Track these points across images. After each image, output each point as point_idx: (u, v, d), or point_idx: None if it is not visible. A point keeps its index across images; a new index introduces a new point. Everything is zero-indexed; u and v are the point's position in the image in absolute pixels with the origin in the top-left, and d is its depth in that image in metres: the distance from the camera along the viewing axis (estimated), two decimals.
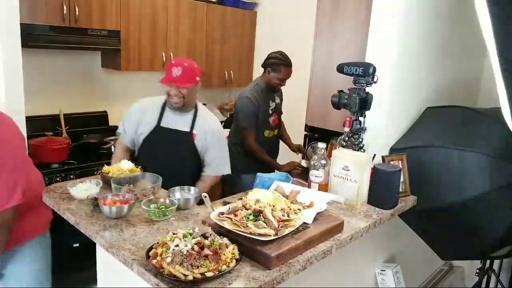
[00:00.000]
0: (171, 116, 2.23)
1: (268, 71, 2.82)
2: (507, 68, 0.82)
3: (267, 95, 2.88)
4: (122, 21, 3.20)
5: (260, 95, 2.83)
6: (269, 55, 2.86)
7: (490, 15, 0.78)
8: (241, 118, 2.82)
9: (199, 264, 1.10)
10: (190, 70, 2.12)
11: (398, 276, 2.23)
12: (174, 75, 2.08)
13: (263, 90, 2.86)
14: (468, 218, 1.91)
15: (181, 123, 2.22)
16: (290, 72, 2.83)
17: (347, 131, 1.97)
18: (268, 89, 2.88)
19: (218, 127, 2.33)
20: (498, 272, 2.70)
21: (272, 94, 2.94)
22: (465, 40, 2.50)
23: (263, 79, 2.89)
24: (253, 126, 2.81)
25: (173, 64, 2.11)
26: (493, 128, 1.93)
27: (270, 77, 2.82)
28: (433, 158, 1.98)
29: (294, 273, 1.26)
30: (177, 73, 2.08)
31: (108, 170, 1.76)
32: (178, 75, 2.08)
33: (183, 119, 2.23)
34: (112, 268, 1.45)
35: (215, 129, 2.30)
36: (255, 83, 2.90)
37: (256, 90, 2.84)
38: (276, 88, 2.89)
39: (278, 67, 2.78)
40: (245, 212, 1.30)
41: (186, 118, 2.23)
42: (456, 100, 2.52)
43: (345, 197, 1.77)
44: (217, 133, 2.30)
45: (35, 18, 2.72)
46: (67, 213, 1.52)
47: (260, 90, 2.85)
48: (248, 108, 2.77)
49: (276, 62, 2.78)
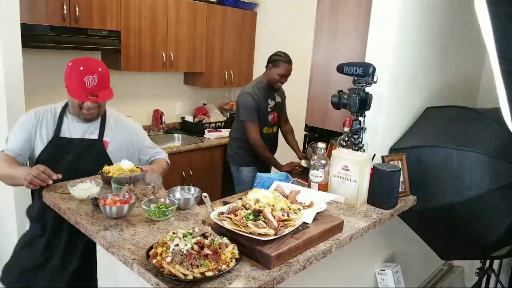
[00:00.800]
0: (74, 124, 1.91)
1: (270, 67, 2.91)
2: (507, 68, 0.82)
3: (267, 93, 2.95)
4: (122, 21, 3.20)
5: (260, 92, 2.91)
6: (272, 54, 2.96)
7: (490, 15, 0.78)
8: (243, 112, 2.89)
9: (199, 264, 1.10)
10: (105, 76, 1.82)
11: (398, 276, 2.24)
12: (89, 85, 1.75)
13: (264, 88, 2.94)
14: (468, 218, 1.91)
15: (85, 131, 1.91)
16: (290, 70, 2.90)
17: (347, 131, 1.97)
18: (268, 87, 2.95)
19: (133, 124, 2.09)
20: (498, 272, 2.71)
21: (272, 93, 3.00)
22: (465, 40, 2.51)
23: (264, 77, 2.97)
24: (254, 119, 2.88)
25: (84, 71, 1.75)
26: (493, 128, 1.93)
27: (271, 73, 2.90)
28: (433, 158, 1.98)
29: (294, 273, 1.26)
30: (93, 82, 1.76)
31: (108, 170, 1.76)
32: (94, 84, 1.76)
33: (89, 126, 1.92)
34: (112, 268, 1.45)
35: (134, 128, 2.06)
36: (257, 81, 2.99)
37: (257, 87, 2.92)
38: (276, 85, 2.94)
39: (278, 63, 2.87)
40: (245, 212, 1.30)
41: (92, 124, 1.93)
42: (456, 100, 2.52)
43: (345, 197, 1.77)
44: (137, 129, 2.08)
45: (35, 18, 2.72)
46: (67, 213, 1.53)
47: (261, 87, 2.93)
48: (249, 103, 2.85)
49: (277, 59, 2.88)
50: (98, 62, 1.86)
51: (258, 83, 2.95)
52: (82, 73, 1.75)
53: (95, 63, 1.82)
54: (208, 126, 4.08)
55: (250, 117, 2.86)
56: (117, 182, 1.63)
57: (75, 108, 1.85)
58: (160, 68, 3.54)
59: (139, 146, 2.05)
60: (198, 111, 4.26)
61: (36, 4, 2.71)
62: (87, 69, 1.76)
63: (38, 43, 2.79)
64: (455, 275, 3.03)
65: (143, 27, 3.36)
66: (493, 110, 2.01)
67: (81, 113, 1.85)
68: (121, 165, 1.79)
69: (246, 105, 2.85)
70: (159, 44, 3.50)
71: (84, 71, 1.75)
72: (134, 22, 3.29)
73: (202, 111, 4.23)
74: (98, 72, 1.78)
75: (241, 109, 2.90)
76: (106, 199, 1.50)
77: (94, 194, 1.60)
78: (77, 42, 2.95)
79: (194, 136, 3.93)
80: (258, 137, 2.87)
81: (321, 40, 2.42)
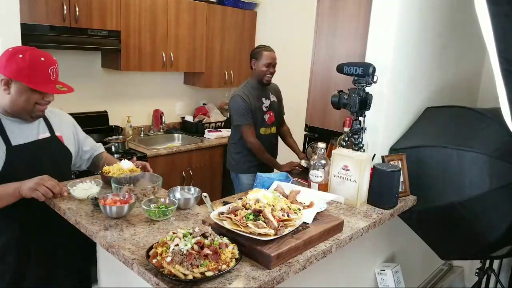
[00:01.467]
0: (18, 128, 1.67)
1: (253, 63, 2.85)
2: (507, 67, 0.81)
3: (259, 91, 2.88)
4: (122, 21, 3.20)
5: (250, 92, 2.83)
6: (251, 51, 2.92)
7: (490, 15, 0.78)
8: (235, 116, 2.82)
9: (199, 264, 1.10)
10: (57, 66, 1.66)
11: (398, 276, 2.23)
12: (53, 77, 1.60)
13: (254, 87, 2.87)
14: (468, 218, 1.91)
15: (35, 131, 1.72)
16: (274, 57, 2.83)
17: (347, 131, 1.97)
18: (259, 85, 2.87)
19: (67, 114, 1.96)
20: (498, 272, 2.71)
21: (265, 91, 2.92)
22: (465, 40, 2.51)
23: (252, 76, 2.90)
24: (249, 122, 2.80)
25: (46, 62, 1.58)
26: (493, 128, 1.93)
27: (256, 68, 2.84)
28: (433, 158, 1.98)
29: (294, 273, 1.26)
30: (56, 73, 1.62)
31: (108, 170, 1.76)
32: (57, 75, 1.62)
33: (34, 126, 1.73)
34: (112, 268, 1.46)
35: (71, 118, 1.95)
36: (246, 82, 2.93)
37: (246, 87, 2.85)
38: (266, 78, 2.83)
39: (259, 53, 2.82)
40: (245, 212, 1.30)
41: (36, 123, 1.73)
42: (456, 100, 2.52)
43: (345, 197, 1.77)
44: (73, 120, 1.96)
45: (35, 18, 2.72)
46: (67, 213, 1.53)
47: (251, 87, 2.86)
48: (239, 105, 2.78)
49: (257, 51, 2.84)
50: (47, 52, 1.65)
51: (248, 83, 2.88)
52: (46, 64, 1.58)
53: (46, 53, 1.62)
54: (208, 126, 4.08)
55: (244, 120, 2.79)
56: (117, 182, 1.63)
57: (28, 105, 1.60)
58: (160, 68, 3.54)
59: (80, 137, 1.94)
60: (198, 111, 4.26)
61: (36, 4, 2.71)
62: (48, 59, 1.60)
63: (38, 43, 2.78)
64: (455, 275, 3.03)
65: (143, 27, 3.36)
66: (493, 110, 2.01)
67: (34, 110, 1.63)
68: (121, 165, 1.79)
69: (237, 109, 2.78)
70: (159, 44, 3.50)
71: (47, 62, 1.58)
72: (134, 22, 3.29)
73: (202, 111, 4.24)
74: (56, 63, 1.63)
75: (233, 113, 2.83)
76: (106, 199, 1.50)
77: (94, 194, 1.60)
78: (77, 42, 2.96)
79: (194, 136, 3.94)
80: (254, 140, 2.80)
81: (321, 40, 2.42)
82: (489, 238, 1.93)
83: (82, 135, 1.97)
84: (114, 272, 1.55)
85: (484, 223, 1.91)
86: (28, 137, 1.69)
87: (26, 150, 1.65)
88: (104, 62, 3.47)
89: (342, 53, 2.31)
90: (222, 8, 3.96)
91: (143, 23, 3.36)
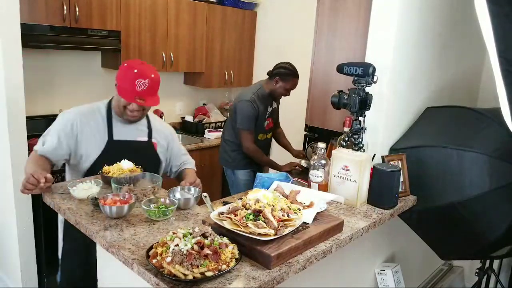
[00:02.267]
0: (123, 126, 1.95)
1: (276, 80, 2.83)
2: (507, 67, 0.82)
3: (266, 101, 2.91)
4: (122, 21, 3.20)
5: (261, 101, 2.85)
6: (278, 65, 2.87)
7: (490, 15, 0.78)
8: (240, 120, 2.83)
9: (199, 264, 1.10)
10: (157, 82, 1.85)
11: (398, 276, 2.23)
12: (139, 89, 1.79)
13: (265, 96, 2.88)
14: (468, 218, 1.91)
15: (135, 133, 1.97)
16: (297, 84, 2.86)
17: (347, 131, 1.97)
18: (269, 96, 2.91)
19: (170, 127, 2.19)
20: (498, 272, 2.71)
21: (271, 100, 2.97)
22: (465, 40, 2.51)
23: (267, 86, 2.89)
24: (251, 128, 2.84)
25: (137, 74, 1.79)
26: (493, 128, 1.93)
27: (277, 86, 2.84)
28: (433, 158, 1.98)
29: (294, 273, 1.26)
30: (143, 87, 1.79)
31: (108, 170, 1.76)
32: (144, 89, 1.80)
33: (137, 128, 1.98)
34: (112, 268, 1.46)
35: (171, 131, 2.15)
36: (258, 88, 2.90)
37: (257, 94, 2.85)
38: (279, 97, 2.93)
39: (287, 77, 2.81)
40: (245, 212, 1.30)
41: (139, 126, 1.99)
42: (456, 100, 2.53)
43: (345, 197, 1.77)
44: (174, 134, 2.17)
45: (35, 18, 2.72)
46: (67, 213, 1.53)
47: (262, 95, 2.87)
48: (249, 112, 2.80)
49: (287, 73, 2.81)
50: (152, 68, 1.87)
51: (260, 90, 2.87)
52: (136, 75, 1.78)
53: (149, 69, 1.84)
54: (208, 126, 4.09)
55: (247, 126, 2.81)
56: (117, 182, 1.63)
57: (120, 107, 1.87)
58: (160, 68, 3.54)
59: (174, 151, 2.12)
60: (198, 111, 4.26)
61: (36, 4, 2.71)
62: (141, 72, 1.80)
63: (38, 43, 2.79)
64: (455, 275, 3.03)
65: (143, 27, 3.36)
66: (493, 110, 2.01)
67: (124, 113, 1.89)
68: (121, 165, 1.79)
69: (246, 114, 2.79)
70: (159, 44, 3.50)
71: (138, 74, 1.78)
72: (134, 22, 3.29)
73: (202, 111, 4.24)
74: (150, 78, 1.80)
75: (239, 116, 2.83)
76: (106, 199, 1.50)
77: (94, 194, 1.60)
78: (77, 42, 2.96)
79: (194, 136, 3.94)
80: (252, 145, 2.83)
81: (321, 40, 2.42)
82: (489, 238, 1.93)
83: (176, 149, 2.14)
84: (114, 272, 1.55)
85: (484, 223, 1.91)
86: (128, 136, 1.94)
87: (123, 146, 1.90)
88: (104, 62, 3.47)
89: (342, 53, 2.31)
90: (222, 8, 3.96)
91: (143, 23, 3.36)
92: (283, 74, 2.81)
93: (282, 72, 2.81)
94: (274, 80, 2.84)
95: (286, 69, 2.82)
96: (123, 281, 1.42)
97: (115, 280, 1.50)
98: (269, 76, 2.89)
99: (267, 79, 2.91)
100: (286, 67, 2.83)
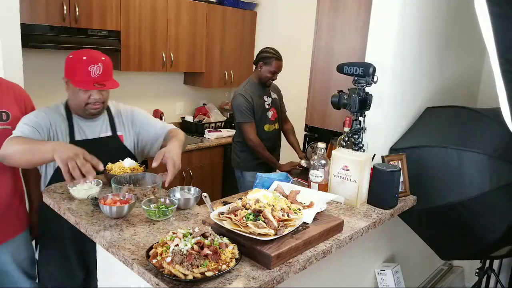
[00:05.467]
0: (84, 125, 1.85)
1: (260, 65, 2.90)
2: (507, 68, 0.82)
3: (260, 90, 2.96)
4: (122, 21, 3.21)
5: (252, 91, 2.90)
6: (260, 51, 2.95)
7: (490, 15, 0.78)
8: (237, 114, 2.89)
9: (199, 264, 1.10)
10: (110, 65, 1.78)
11: (397, 276, 2.23)
12: (95, 74, 1.71)
13: (256, 86, 2.94)
14: (468, 218, 1.91)
15: (98, 129, 1.87)
16: (281, 66, 2.91)
17: (347, 131, 1.97)
18: (260, 84, 2.95)
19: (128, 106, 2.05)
20: (498, 272, 2.71)
21: (265, 89, 3.00)
22: (465, 40, 2.51)
23: (255, 75, 2.97)
24: (250, 120, 2.87)
25: (88, 61, 1.70)
26: (493, 128, 1.93)
27: (261, 71, 2.90)
28: (433, 158, 1.98)
29: (294, 273, 1.26)
30: (98, 71, 1.72)
31: (110, 168, 1.76)
32: (100, 73, 1.72)
33: (98, 124, 1.88)
34: (112, 268, 1.46)
35: (132, 111, 2.01)
36: (247, 81, 2.99)
37: (248, 86, 2.92)
38: (268, 82, 2.95)
39: (269, 60, 2.87)
40: (245, 212, 1.30)
41: (101, 122, 1.89)
42: (456, 100, 2.53)
43: (345, 197, 1.77)
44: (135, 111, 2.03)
45: (35, 18, 2.72)
46: (67, 213, 1.53)
47: (252, 86, 2.93)
48: (242, 103, 2.85)
49: (268, 56, 2.87)
50: (99, 52, 1.80)
51: (249, 82, 2.95)
52: (86, 62, 1.71)
53: (97, 53, 1.78)
54: (208, 126, 4.09)
55: (245, 118, 2.86)
56: (117, 182, 1.63)
57: (80, 103, 1.78)
58: (160, 68, 3.55)
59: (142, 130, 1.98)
60: (198, 111, 4.26)
61: (36, 4, 2.71)
62: (91, 58, 1.73)
63: (38, 43, 2.79)
64: (455, 275, 3.03)
65: (143, 27, 3.36)
66: (493, 110, 2.01)
67: (86, 108, 1.79)
68: (123, 163, 1.79)
69: (239, 107, 2.85)
70: (159, 44, 3.50)
71: (88, 61, 1.71)
72: (134, 22, 3.29)
73: (202, 111, 4.24)
74: (102, 61, 1.74)
75: (235, 111, 2.91)
76: (106, 199, 1.50)
77: (94, 194, 1.60)
78: (77, 42, 2.95)
79: (194, 136, 3.94)
80: (255, 138, 2.87)
81: (321, 40, 2.41)
82: (489, 238, 1.93)
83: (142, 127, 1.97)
84: (114, 272, 1.55)
85: (484, 223, 1.91)
86: (90, 135, 1.84)
87: (86, 146, 1.66)
88: None
89: (342, 53, 2.31)
90: (222, 8, 3.96)
91: (143, 23, 3.36)
92: (265, 58, 2.87)
93: (264, 56, 2.88)
94: (259, 66, 2.91)
95: (267, 52, 2.89)
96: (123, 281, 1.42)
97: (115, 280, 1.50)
98: (255, 64, 2.96)
99: (254, 69, 2.98)
100: (267, 50, 2.91)
